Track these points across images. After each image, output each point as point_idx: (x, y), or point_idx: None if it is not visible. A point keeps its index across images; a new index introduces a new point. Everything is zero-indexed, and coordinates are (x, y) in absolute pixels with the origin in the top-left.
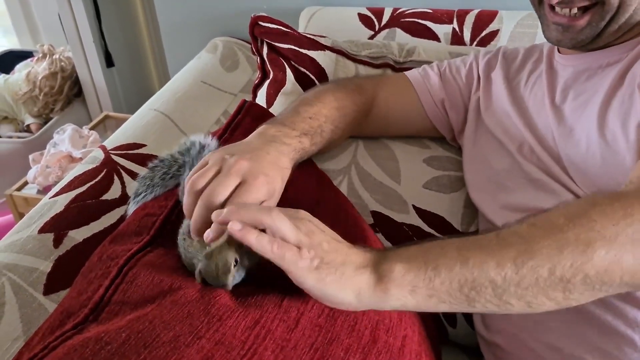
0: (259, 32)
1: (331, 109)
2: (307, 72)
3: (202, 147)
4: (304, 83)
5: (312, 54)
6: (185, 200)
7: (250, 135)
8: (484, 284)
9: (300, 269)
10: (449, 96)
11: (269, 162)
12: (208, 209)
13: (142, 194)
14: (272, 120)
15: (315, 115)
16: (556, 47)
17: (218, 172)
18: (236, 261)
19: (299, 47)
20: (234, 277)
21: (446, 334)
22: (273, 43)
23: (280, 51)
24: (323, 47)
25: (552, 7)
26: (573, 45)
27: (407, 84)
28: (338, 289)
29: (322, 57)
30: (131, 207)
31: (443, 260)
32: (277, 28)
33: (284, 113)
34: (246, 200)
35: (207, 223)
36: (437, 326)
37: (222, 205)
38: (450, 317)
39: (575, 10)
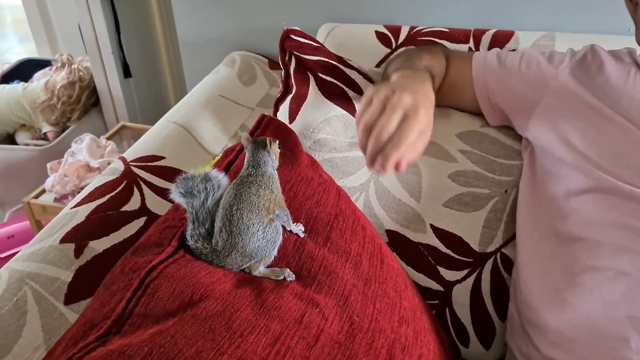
0: (290, 46)
1: (429, 68)
2: (337, 82)
3: (208, 178)
4: (332, 91)
5: (342, 67)
6: (359, 137)
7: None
8: None
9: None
10: (504, 92)
11: (424, 95)
12: (379, 142)
13: None
14: (395, 69)
15: (429, 62)
16: None
17: (383, 109)
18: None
19: (330, 60)
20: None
21: (459, 354)
22: (302, 55)
23: (309, 63)
24: (351, 67)
25: None
26: None
27: (469, 69)
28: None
29: (351, 73)
30: None
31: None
32: (309, 43)
33: (401, 69)
34: (411, 131)
35: (378, 153)
36: (450, 345)
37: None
38: (464, 337)
39: None
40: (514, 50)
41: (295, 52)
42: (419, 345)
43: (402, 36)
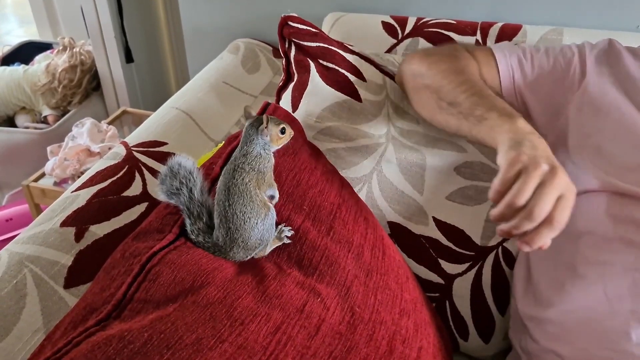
0: (288, 33)
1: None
2: (338, 68)
3: (190, 172)
4: (333, 78)
5: (342, 52)
6: (502, 211)
7: (508, 132)
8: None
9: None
10: (534, 91)
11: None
12: (531, 223)
13: None
14: (500, 109)
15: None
16: None
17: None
18: None
19: (329, 46)
20: None
21: (457, 347)
22: (301, 42)
23: (308, 50)
24: (352, 52)
25: None
26: None
27: (492, 65)
28: None
29: (351, 57)
30: None
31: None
32: (307, 29)
33: (482, 100)
34: (565, 215)
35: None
36: (450, 339)
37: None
38: (463, 330)
39: None
40: (523, 41)
41: (294, 39)
42: (419, 338)
43: (409, 27)
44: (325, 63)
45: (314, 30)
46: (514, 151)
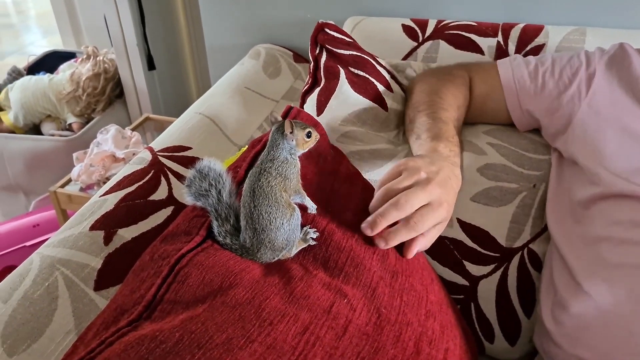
0: (323, 39)
1: (456, 111)
2: (368, 76)
3: (220, 175)
4: (362, 85)
5: (374, 63)
6: (377, 198)
7: (426, 151)
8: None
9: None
10: (539, 105)
11: (452, 190)
12: (397, 212)
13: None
14: (433, 133)
15: (457, 121)
16: None
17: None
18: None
19: (363, 55)
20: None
21: (483, 350)
22: (334, 49)
23: (340, 57)
24: (381, 65)
25: None
26: None
27: (496, 79)
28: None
29: (381, 70)
30: None
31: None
32: (342, 37)
33: (429, 122)
34: (426, 220)
35: (385, 223)
36: (475, 341)
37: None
38: (489, 333)
39: None
40: (542, 44)
41: (327, 46)
42: (446, 340)
43: (429, 30)
44: (356, 71)
45: (348, 39)
46: (407, 158)
